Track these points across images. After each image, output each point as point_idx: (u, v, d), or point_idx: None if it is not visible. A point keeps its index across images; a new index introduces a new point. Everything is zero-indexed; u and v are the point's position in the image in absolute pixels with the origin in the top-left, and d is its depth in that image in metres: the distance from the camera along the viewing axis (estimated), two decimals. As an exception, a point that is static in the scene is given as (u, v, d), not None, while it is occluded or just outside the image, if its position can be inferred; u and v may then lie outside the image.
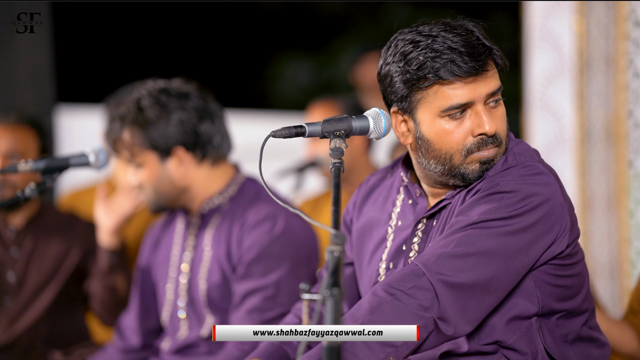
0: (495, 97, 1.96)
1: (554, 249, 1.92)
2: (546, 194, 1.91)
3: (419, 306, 1.85)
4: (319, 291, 1.58)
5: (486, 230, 1.88)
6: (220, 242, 2.66)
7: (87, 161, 2.53)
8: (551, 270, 1.94)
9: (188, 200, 2.70)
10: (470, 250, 1.87)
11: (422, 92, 1.94)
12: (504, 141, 1.98)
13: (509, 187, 1.91)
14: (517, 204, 1.89)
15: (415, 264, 1.89)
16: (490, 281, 1.87)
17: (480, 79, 1.94)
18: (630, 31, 3.16)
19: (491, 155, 1.96)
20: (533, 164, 1.95)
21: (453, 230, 1.91)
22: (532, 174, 1.93)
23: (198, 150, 2.65)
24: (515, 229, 1.88)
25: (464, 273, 1.86)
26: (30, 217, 3.19)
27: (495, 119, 1.96)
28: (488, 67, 1.94)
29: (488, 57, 1.94)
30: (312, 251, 2.66)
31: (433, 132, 1.96)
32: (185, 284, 2.72)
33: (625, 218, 3.21)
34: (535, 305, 1.94)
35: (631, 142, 3.17)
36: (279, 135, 1.94)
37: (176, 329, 2.74)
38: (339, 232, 1.65)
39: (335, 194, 1.77)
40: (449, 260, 1.87)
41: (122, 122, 2.63)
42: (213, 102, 2.69)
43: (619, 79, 3.22)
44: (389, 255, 2.07)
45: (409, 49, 1.94)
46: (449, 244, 1.89)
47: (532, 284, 1.93)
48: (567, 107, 3.50)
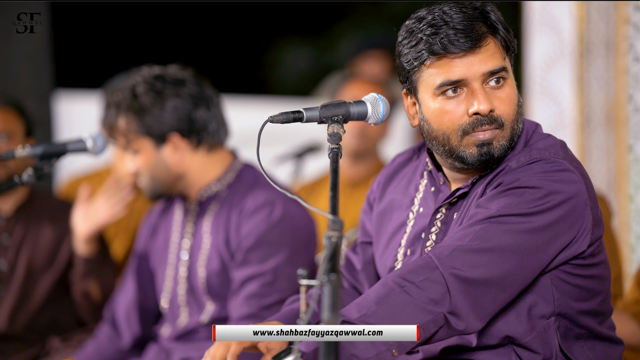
0: (495, 76, 1.90)
1: (574, 248, 1.87)
2: (569, 192, 1.86)
3: (429, 300, 1.80)
4: (317, 277, 1.58)
5: (504, 226, 1.83)
6: (219, 229, 2.66)
7: (84, 147, 2.53)
8: (570, 269, 1.89)
9: (185, 187, 2.70)
10: (487, 246, 1.83)
11: (420, 71, 1.92)
12: (509, 125, 1.91)
13: (531, 182, 1.86)
14: (538, 201, 1.84)
15: (429, 256, 1.85)
16: (504, 278, 1.83)
17: (475, 56, 1.89)
18: (630, 15, 3.14)
19: (487, 138, 1.90)
20: (558, 160, 1.89)
21: (471, 222, 1.87)
22: (555, 170, 1.88)
23: (193, 137, 2.64)
24: (535, 227, 1.84)
25: (478, 268, 1.82)
26: (20, 204, 3.15)
27: (496, 99, 1.90)
28: (483, 44, 1.89)
29: (487, 34, 1.89)
30: (310, 237, 2.66)
31: (431, 112, 1.93)
32: (184, 271, 2.72)
33: (624, 203, 3.21)
34: (551, 304, 1.90)
35: (631, 127, 3.16)
36: (276, 121, 1.92)
37: (176, 316, 2.74)
38: (337, 217, 1.64)
39: (333, 179, 1.76)
40: (464, 255, 1.83)
41: (117, 109, 2.63)
42: (209, 88, 2.68)
43: (619, 63, 3.20)
44: (408, 242, 2.03)
45: (412, 27, 1.92)
46: (465, 237, 1.84)
47: (548, 282, 1.89)
48: (567, 92, 3.49)
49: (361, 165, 3.92)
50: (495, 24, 1.91)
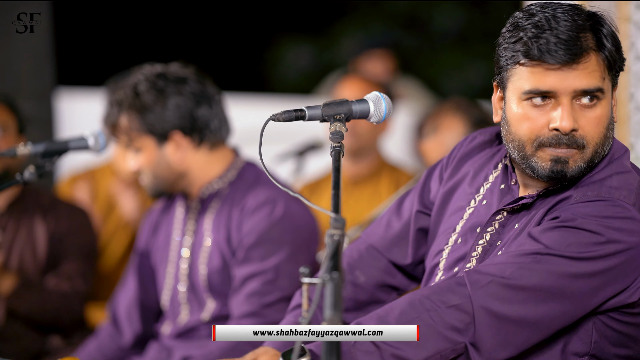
0: (588, 95, 1.80)
1: (623, 298, 1.79)
2: (629, 243, 1.76)
3: (451, 327, 1.75)
4: (319, 275, 1.58)
5: (549, 266, 1.75)
6: (220, 227, 2.66)
7: (86, 145, 2.53)
8: (616, 315, 1.82)
9: (187, 184, 2.70)
10: (526, 283, 1.74)
11: (513, 70, 1.84)
12: (592, 148, 1.82)
13: (588, 225, 1.76)
14: (593, 247, 1.75)
15: (464, 280, 1.78)
16: (540, 320, 1.76)
17: (572, 71, 1.79)
18: (631, 13, 3.14)
19: (565, 156, 1.81)
20: (625, 205, 1.78)
21: (517, 253, 1.78)
22: (619, 217, 1.77)
23: (195, 135, 2.65)
24: (582, 272, 1.75)
25: (512, 305, 1.75)
26: (12, 200, 3.14)
27: (584, 119, 1.80)
28: (583, 60, 1.79)
29: (590, 50, 1.79)
30: (312, 235, 2.66)
31: (513, 115, 1.85)
32: (185, 268, 2.73)
33: (625, 202, 3.20)
34: (588, 344, 1.83)
35: (632, 125, 3.16)
36: (279, 119, 1.91)
37: (177, 313, 2.75)
38: (339, 215, 1.64)
39: (335, 177, 1.76)
40: (500, 289, 1.75)
41: (119, 107, 2.63)
42: (211, 86, 2.69)
43: (621, 62, 3.20)
44: (463, 229, 1.98)
45: (519, 22, 1.84)
46: (506, 269, 1.76)
47: (590, 325, 1.81)
48: (569, 91, 3.48)
49: (362, 163, 3.93)
50: (604, 40, 1.82)
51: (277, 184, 1.95)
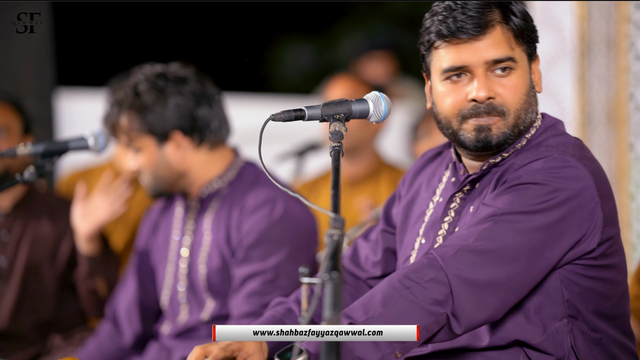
0: (500, 64, 1.90)
1: (583, 246, 1.85)
2: (575, 189, 1.83)
3: (433, 300, 1.80)
4: (319, 275, 1.58)
5: (508, 225, 1.81)
6: (220, 227, 2.67)
7: (86, 145, 2.53)
8: (580, 270, 1.87)
9: (187, 184, 2.71)
10: (491, 246, 1.81)
11: (431, 54, 1.96)
12: (513, 114, 1.91)
13: (534, 179, 1.84)
14: (543, 197, 1.82)
15: (433, 256, 1.84)
16: (511, 279, 1.80)
17: (480, 43, 1.90)
18: (631, 13, 3.15)
19: (486, 123, 1.91)
20: (564, 157, 1.87)
21: (475, 222, 1.85)
22: (560, 167, 1.85)
23: (195, 135, 2.65)
24: (540, 225, 1.81)
25: (482, 269, 1.80)
26: (18, 200, 3.14)
27: (500, 87, 1.90)
28: (489, 31, 1.89)
29: (496, 22, 1.89)
30: (311, 235, 2.67)
31: (437, 95, 1.96)
32: (185, 268, 2.73)
33: (626, 201, 3.21)
34: (561, 305, 1.88)
35: (632, 125, 3.17)
36: (278, 119, 1.92)
37: (176, 313, 2.75)
38: (338, 215, 1.65)
39: (334, 177, 1.76)
40: (468, 255, 1.81)
41: (119, 107, 2.63)
42: (211, 86, 2.69)
43: (620, 62, 3.21)
44: (425, 230, 2.04)
45: (433, 9, 1.96)
46: (470, 236, 1.83)
47: (558, 282, 1.87)
48: (568, 90, 3.49)
49: (360, 164, 3.93)
50: (510, 13, 1.90)
51: (277, 183, 1.95)
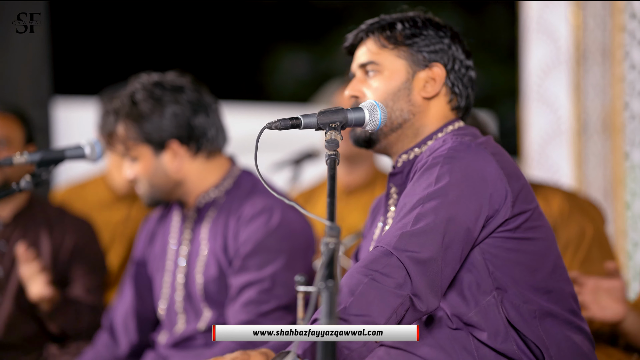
0: (367, 68, 2.14)
1: (497, 219, 1.96)
2: (475, 161, 1.98)
3: (396, 284, 1.89)
4: (315, 283, 1.58)
5: (434, 202, 1.94)
6: (217, 236, 2.66)
7: (82, 153, 2.53)
8: (499, 243, 1.98)
9: (183, 193, 2.70)
10: (426, 225, 1.92)
11: None
12: None
13: (441, 159, 1.99)
14: (451, 171, 1.96)
15: (381, 246, 1.94)
16: (445, 250, 1.92)
17: (358, 52, 2.18)
18: (626, 23, 3.16)
19: None
20: (463, 141, 2.02)
21: (406, 211, 1.97)
22: (462, 148, 2.00)
23: (192, 144, 2.65)
24: (458, 195, 1.95)
25: (427, 247, 1.91)
26: (18, 210, 3.14)
27: (368, 87, 2.14)
28: (362, 43, 2.17)
29: (363, 34, 2.17)
30: (308, 243, 2.67)
31: None
32: (182, 277, 2.72)
33: (621, 210, 3.22)
34: (488, 278, 1.97)
35: (627, 134, 3.18)
36: (274, 127, 1.94)
37: (173, 323, 2.74)
38: (334, 224, 1.65)
39: (330, 185, 1.77)
40: (411, 238, 1.92)
41: (116, 116, 2.63)
42: (207, 94, 2.69)
43: (615, 71, 3.22)
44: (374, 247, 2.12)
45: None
46: (407, 224, 1.94)
47: (480, 257, 1.97)
48: (564, 99, 3.50)
49: (357, 172, 3.93)
50: (381, 25, 2.15)
51: (274, 192, 1.96)
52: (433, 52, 2.13)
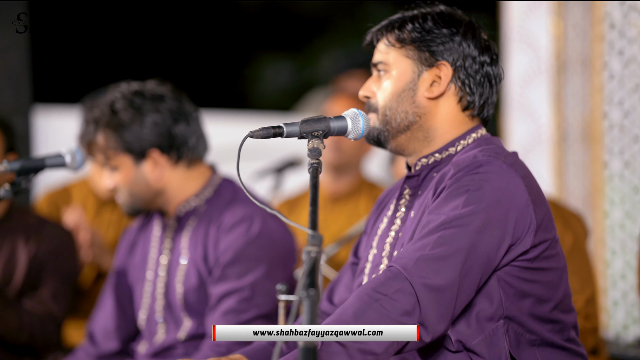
0: (377, 67, 2.11)
1: (518, 248, 1.92)
2: (506, 188, 1.93)
3: (402, 312, 1.84)
4: (296, 292, 1.58)
5: (458, 229, 1.89)
6: (197, 245, 2.65)
7: (63, 162, 2.51)
8: (516, 272, 1.94)
9: (164, 202, 2.69)
10: (448, 251, 1.88)
11: None
12: (382, 112, 2.08)
13: (472, 180, 1.93)
14: (481, 197, 1.91)
15: (396, 268, 1.89)
16: (463, 278, 1.88)
17: (375, 50, 2.14)
18: (605, 33, 3.19)
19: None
20: (496, 161, 1.96)
21: (427, 231, 1.92)
22: (494, 170, 1.94)
23: (173, 152, 2.64)
24: (482, 224, 1.89)
25: (444, 274, 1.87)
26: None
27: (379, 87, 2.11)
28: (380, 41, 2.12)
29: (382, 33, 2.12)
30: (289, 252, 2.66)
31: None
32: (162, 287, 2.71)
33: (600, 218, 3.24)
34: (499, 306, 1.94)
35: (606, 143, 3.20)
36: (257, 136, 1.94)
37: (153, 332, 2.73)
38: (316, 232, 1.65)
39: (312, 194, 1.77)
40: (429, 263, 1.87)
41: (95, 125, 2.61)
42: (188, 103, 2.68)
43: (595, 81, 3.25)
44: (377, 242, 2.10)
45: None
46: (426, 246, 1.89)
47: (495, 283, 1.94)
48: (545, 108, 3.52)
49: (342, 181, 3.94)
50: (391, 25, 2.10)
51: (255, 200, 1.95)
52: (440, 51, 2.05)
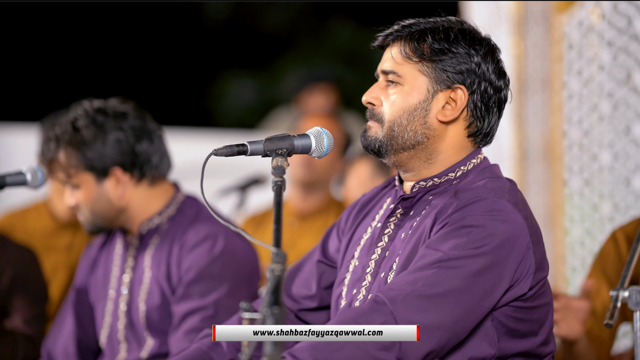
0: (387, 76, 2.01)
1: (516, 290, 1.90)
2: (512, 233, 1.89)
3: (381, 346, 1.81)
4: (260, 309, 1.58)
5: (454, 270, 1.85)
6: (160, 263, 2.63)
7: (24, 180, 2.48)
8: (511, 312, 1.92)
9: (126, 220, 2.67)
10: (439, 291, 1.84)
11: None
12: (388, 125, 1.99)
13: (477, 221, 1.89)
14: (484, 240, 1.87)
15: (382, 299, 1.85)
16: (457, 322, 1.84)
17: (384, 54, 2.03)
18: (564, 53, 3.25)
19: (367, 126, 2.03)
20: (501, 201, 1.92)
21: (422, 265, 1.88)
22: (499, 210, 1.90)
23: (136, 170, 2.62)
24: (481, 268, 1.85)
25: (431, 313, 1.83)
26: None
27: (386, 97, 2.00)
28: (390, 43, 2.02)
29: (397, 37, 2.01)
30: (253, 270, 2.65)
31: None
32: (124, 305, 2.68)
33: (560, 236, 3.28)
34: (493, 346, 1.91)
35: (566, 162, 3.25)
36: (220, 154, 1.93)
37: (115, 352, 2.69)
38: (280, 250, 1.65)
39: (276, 212, 1.77)
40: (417, 300, 1.83)
41: (57, 143, 2.59)
42: (151, 121, 2.67)
43: (554, 100, 3.30)
44: (360, 254, 2.06)
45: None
46: (418, 281, 1.85)
47: (490, 324, 1.91)
48: (506, 127, 3.57)
49: (312, 198, 3.95)
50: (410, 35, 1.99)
51: (219, 218, 1.95)
52: (458, 73, 1.96)
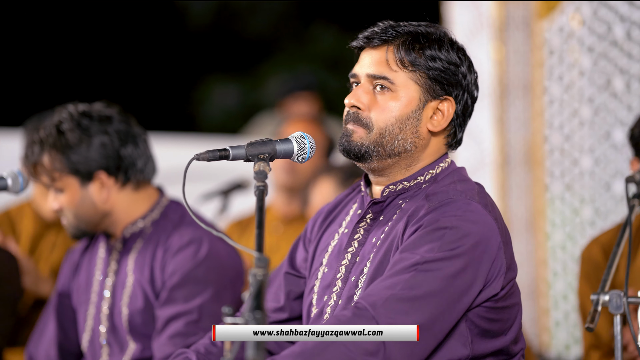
0: (377, 81, 1.97)
1: (489, 290, 1.92)
2: (483, 233, 1.91)
3: (365, 351, 1.82)
4: (242, 314, 1.58)
5: (431, 273, 1.87)
6: (144, 267, 2.63)
7: (5, 185, 2.47)
8: (483, 312, 1.94)
9: (110, 224, 2.66)
10: (417, 293, 1.86)
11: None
12: (378, 131, 1.97)
13: (450, 223, 1.91)
14: (458, 242, 1.89)
15: (364, 305, 1.87)
16: (434, 323, 1.87)
17: (369, 57, 1.98)
18: (545, 59, 3.28)
19: (350, 130, 1.98)
20: (472, 203, 1.95)
21: (399, 269, 1.89)
22: (471, 211, 1.93)
23: (120, 174, 2.62)
24: (457, 269, 1.88)
25: (411, 316, 1.85)
26: None
27: (374, 103, 1.97)
28: (376, 46, 1.97)
29: (385, 40, 1.96)
30: (237, 275, 2.66)
31: None
32: (107, 309, 2.67)
33: (542, 240, 3.31)
34: (467, 347, 1.93)
35: (547, 167, 3.28)
36: (202, 159, 1.93)
37: (97, 356, 2.68)
38: (262, 255, 1.65)
39: (258, 217, 1.78)
40: (397, 304, 1.85)
41: (41, 146, 2.58)
42: (136, 125, 2.67)
43: (536, 105, 3.33)
44: (329, 260, 2.07)
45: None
46: (396, 285, 1.87)
47: (464, 325, 1.93)
48: (488, 132, 3.59)
49: (296, 203, 3.96)
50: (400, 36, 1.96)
51: (201, 223, 1.95)
52: (449, 84, 1.96)
